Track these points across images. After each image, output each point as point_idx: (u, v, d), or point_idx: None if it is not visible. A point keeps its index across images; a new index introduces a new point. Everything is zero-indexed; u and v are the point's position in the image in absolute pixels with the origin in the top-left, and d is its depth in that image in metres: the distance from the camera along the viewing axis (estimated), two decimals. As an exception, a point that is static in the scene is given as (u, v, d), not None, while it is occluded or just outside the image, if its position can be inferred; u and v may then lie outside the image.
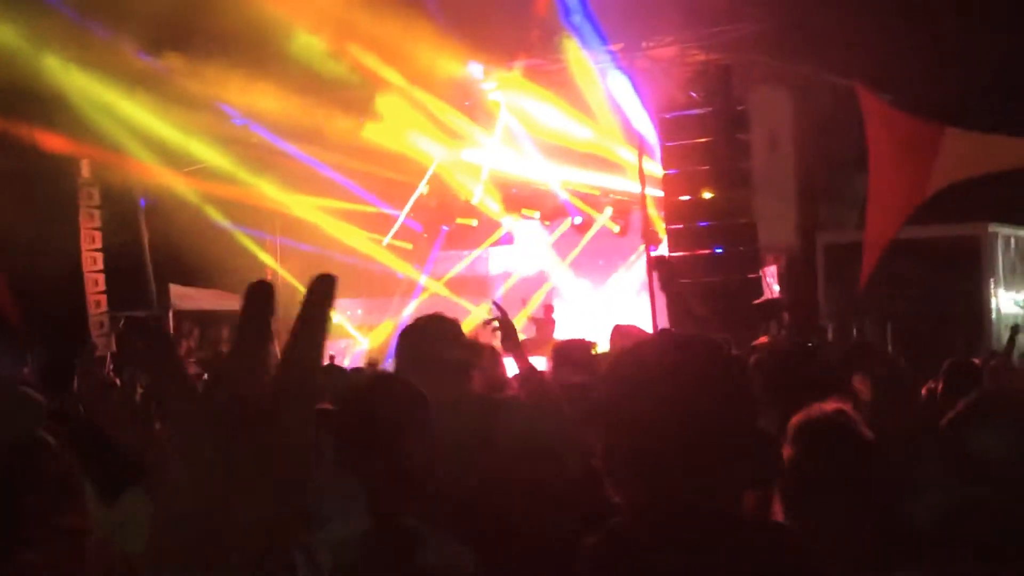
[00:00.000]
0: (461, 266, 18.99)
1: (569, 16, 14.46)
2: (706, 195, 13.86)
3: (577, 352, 4.63)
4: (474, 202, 18.02)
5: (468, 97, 16.56)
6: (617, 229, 17.70)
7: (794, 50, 13.40)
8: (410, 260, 18.66)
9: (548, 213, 18.19)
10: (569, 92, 15.67)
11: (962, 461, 1.96)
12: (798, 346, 4.71)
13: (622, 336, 4.91)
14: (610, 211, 17.67)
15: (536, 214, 18.31)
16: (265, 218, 17.50)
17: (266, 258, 18.15)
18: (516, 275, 18.66)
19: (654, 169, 14.61)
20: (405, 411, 2.65)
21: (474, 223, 18.59)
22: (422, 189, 17.78)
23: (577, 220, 17.98)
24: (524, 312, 17.09)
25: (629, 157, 15.44)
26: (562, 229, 18.41)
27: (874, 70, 10.34)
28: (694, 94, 14.26)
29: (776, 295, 14.58)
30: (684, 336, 1.76)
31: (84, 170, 15.46)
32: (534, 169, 17.18)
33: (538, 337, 14.39)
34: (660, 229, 14.99)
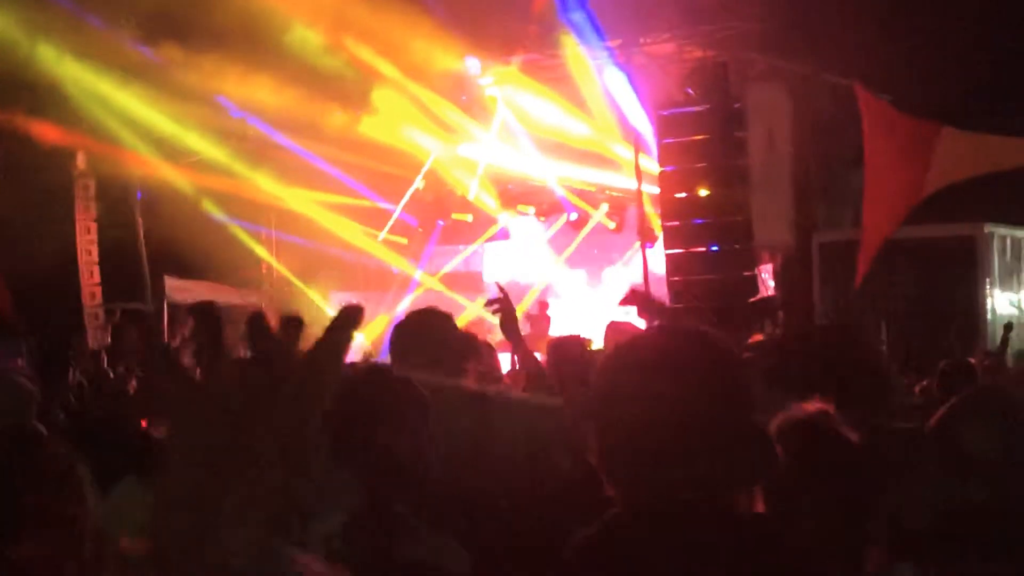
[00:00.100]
0: (456, 261, 18.97)
1: (567, 12, 14.45)
2: (702, 192, 13.85)
3: (572, 349, 4.64)
4: (470, 197, 18.00)
5: (465, 92, 16.54)
6: (613, 225, 17.69)
7: (792, 48, 13.40)
8: (405, 255, 18.64)
9: (544, 209, 18.18)
10: (566, 88, 15.66)
11: (953, 459, 1.96)
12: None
13: (617, 333, 4.92)
14: (606, 207, 17.65)
15: (532, 210, 18.29)
16: (261, 211, 17.46)
17: (261, 251, 18.12)
18: (511, 277, 18.64)
19: (650, 166, 14.61)
20: (397, 403, 2.65)
21: (470, 218, 18.57)
22: (418, 184, 17.75)
23: (573, 216, 17.97)
24: (518, 309, 17.07)
25: (626, 154, 15.45)
26: (558, 225, 18.40)
27: (873, 69, 10.34)
28: (691, 91, 14.25)
29: (771, 293, 14.58)
30: (681, 329, 1.75)
31: (80, 162, 15.42)
32: (530, 165, 17.17)
33: (532, 334, 14.38)
34: (656, 226, 14.99)
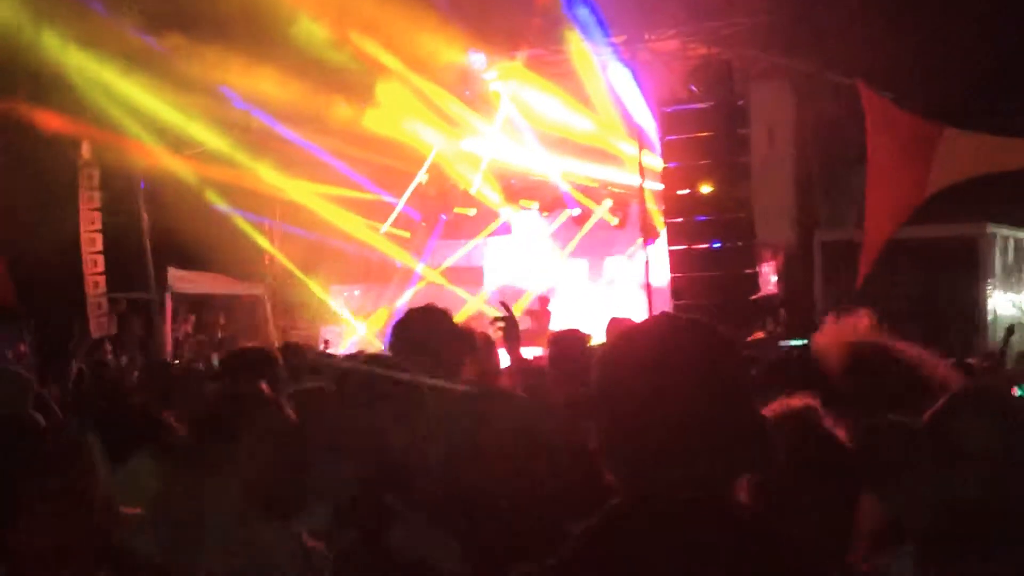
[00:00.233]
0: (458, 255, 18.96)
1: (572, 7, 14.45)
2: (705, 189, 13.86)
3: (573, 344, 4.65)
4: (473, 192, 17.99)
5: (469, 86, 16.54)
6: (616, 221, 17.68)
7: (796, 46, 13.39)
8: (407, 248, 18.63)
9: (547, 204, 18.15)
10: (570, 83, 15.66)
11: (946, 454, 1.97)
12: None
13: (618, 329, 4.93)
14: (609, 203, 17.64)
15: (535, 205, 18.27)
16: (264, 203, 17.45)
17: (264, 243, 18.12)
18: (512, 277, 18.64)
19: (653, 162, 14.62)
20: (393, 395, 2.67)
21: (472, 213, 18.56)
22: (421, 177, 17.75)
23: (575, 212, 17.96)
24: (519, 304, 17.09)
25: (629, 150, 15.44)
26: (560, 220, 18.39)
27: (876, 68, 10.34)
28: (695, 88, 14.26)
29: (773, 291, 14.59)
30: (681, 319, 1.76)
31: (85, 151, 15.42)
32: (534, 160, 17.16)
33: (534, 329, 14.40)
34: (658, 222, 15.00)
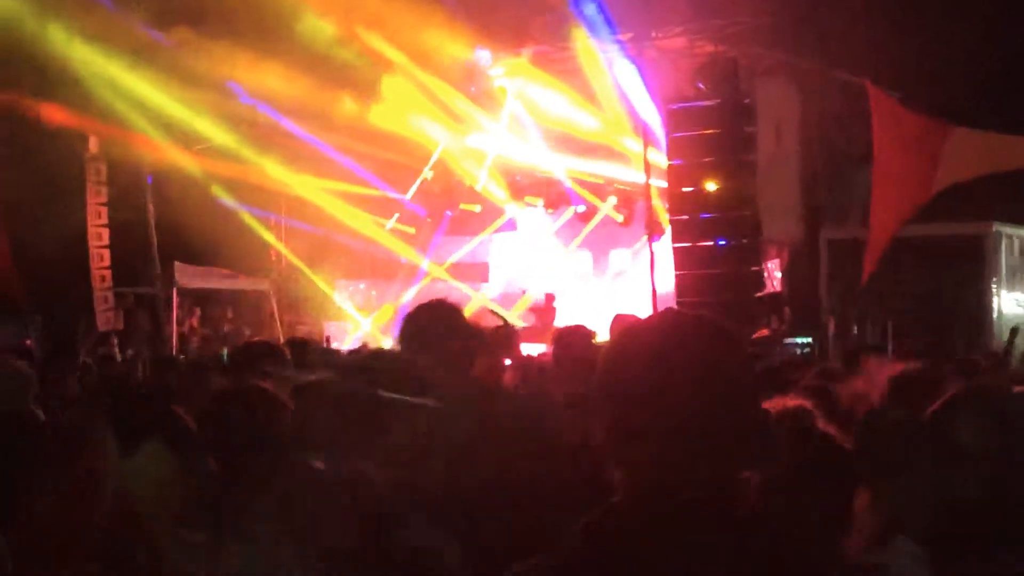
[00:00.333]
0: (463, 252, 18.98)
1: (578, 4, 14.45)
2: (710, 186, 13.85)
3: (578, 340, 4.65)
4: (478, 188, 18.01)
5: (475, 83, 16.55)
6: (621, 218, 17.68)
7: (802, 44, 13.39)
8: (413, 244, 18.64)
9: (552, 201, 18.15)
10: (576, 80, 15.66)
11: (946, 453, 1.99)
12: None
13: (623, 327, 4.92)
14: (614, 200, 17.63)
15: (540, 202, 18.27)
16: (270, 198, 17.47)
17: (270, 237, 18.15)
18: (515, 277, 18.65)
19: (659, 159, 14.61)
20: (395, 388, 2.68)
21: (477, 209, 18.57)
22: (426, 174, 17.76)
23: (580, 209, 17.96)
24: (524, 301, 17.10)
25: (634, 147, 15.44)
26: (565, 217, 18.40)
27: (882, 67, 10.33)
28: (701, 85, 14.25)
29: (778, 289, 14.59)
30: (687, 315, 1.77)
31: (92, 146, 15.46)
32: (539, 156, 17.17)
33: (538, 325, 14.41)
34: (664, 219, 15.00)
